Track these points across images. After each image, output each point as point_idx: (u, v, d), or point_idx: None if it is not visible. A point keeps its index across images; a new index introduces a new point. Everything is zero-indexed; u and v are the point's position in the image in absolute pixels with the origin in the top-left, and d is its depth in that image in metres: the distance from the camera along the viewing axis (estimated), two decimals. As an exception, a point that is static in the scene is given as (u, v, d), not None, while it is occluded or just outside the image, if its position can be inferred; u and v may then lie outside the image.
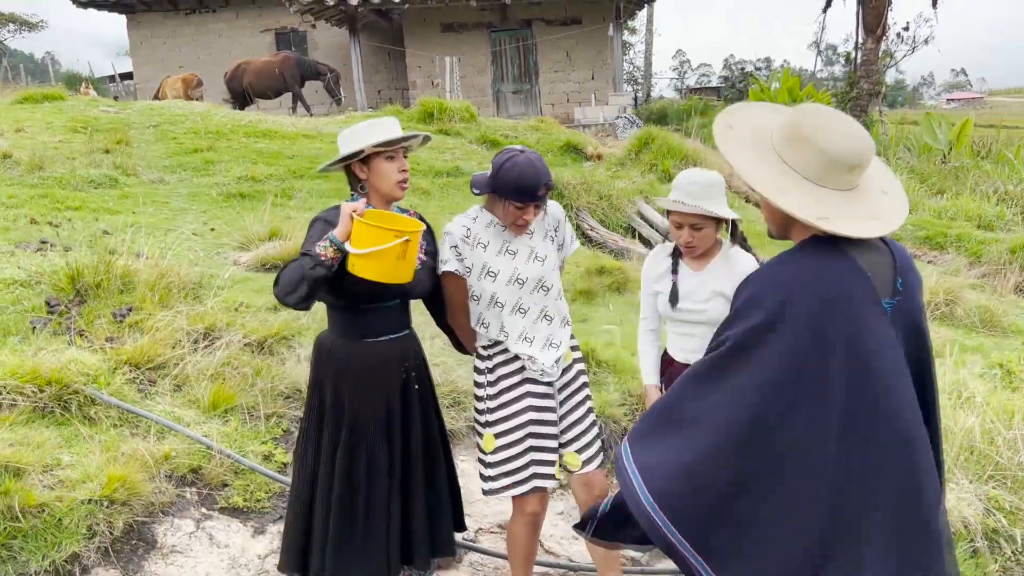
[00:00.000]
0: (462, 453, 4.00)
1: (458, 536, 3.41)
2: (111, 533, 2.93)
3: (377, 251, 2.34)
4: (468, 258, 2.69)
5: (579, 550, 3.37)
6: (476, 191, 2.65)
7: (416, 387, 2.74)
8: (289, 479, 3.36)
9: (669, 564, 3.47)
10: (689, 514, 1.79)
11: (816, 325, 1.70)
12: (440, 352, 4.39)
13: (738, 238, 2.92)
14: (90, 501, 2.94)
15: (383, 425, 2.66)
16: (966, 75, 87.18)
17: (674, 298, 2.78)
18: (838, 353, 1.69)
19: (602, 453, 2.89)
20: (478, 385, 2.81)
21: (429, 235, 2.77)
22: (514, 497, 2.76)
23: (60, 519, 2.87)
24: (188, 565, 2.98)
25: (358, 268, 2.39)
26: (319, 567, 2.66)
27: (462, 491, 3.73)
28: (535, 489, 2.71)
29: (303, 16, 17.91)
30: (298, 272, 2.38)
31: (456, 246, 2.67)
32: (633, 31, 32.35)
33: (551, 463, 2.77)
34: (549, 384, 2.77)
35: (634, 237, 8.01)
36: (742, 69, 23.66)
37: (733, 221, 2.84)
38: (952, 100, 56.54)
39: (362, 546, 2.65)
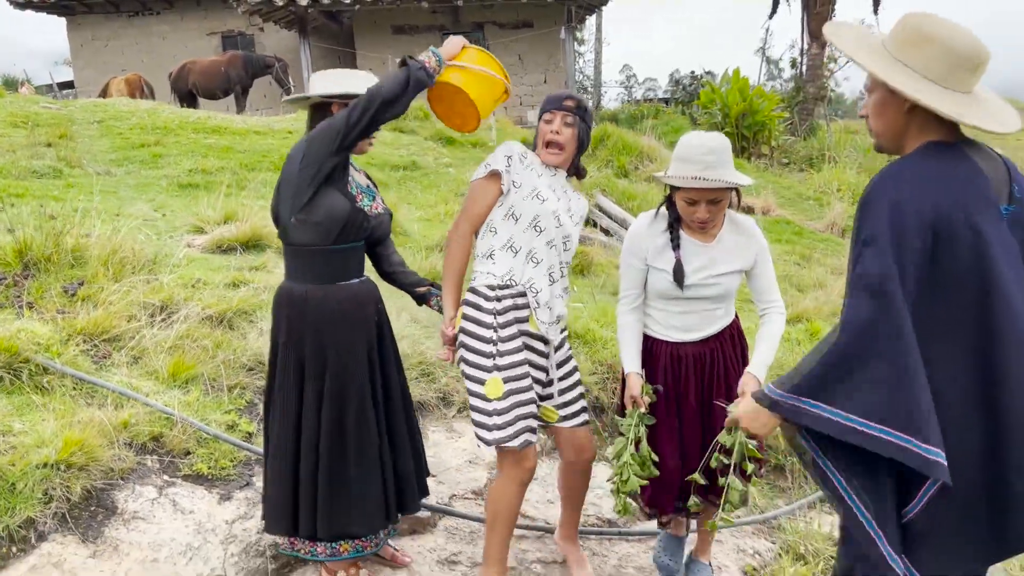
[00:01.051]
0: (432, 424, 3.92)
1: (433, 498, 3.35)
2: (68, 499, 2.78)
3: (484, 72, 2.60)
4: (519, 176, 2.66)
5: (555, 514, 3.32)
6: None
7: (386, 328, 2.76)
8: (256, 448, 3.25)
9: (646, 527, 3.44)
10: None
11: (950, 227, 1.68)
12: (407, 325, 4.32)
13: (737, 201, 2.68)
14: (46, 466, 2.78)
15: (366, 368, 2.61)
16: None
17: (679, 276, 2.54)
18: (967, 251, 1.69)
19: (583, 414, 2.88)
20: (483, 325, 2.62)
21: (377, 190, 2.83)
22: (509, 452, 2.63)
23: (14, 484, 2.71)
24: (151, 531, 2.83)
25: (461, 82, 2.57)
26: (310, 527, 2.58)
27: (433, 459, 3.67)
28: (528, 443, 2.63)
29: (251, 18, 17.64)
30: (404, 72, 2.48)
31: (511, 156, 2.67)
32: (582, 41, 32.63)
33: (538, 418, 2.74)
34: (545, 342, 2.73)
35: (594, 227, 8.05)
36: (692, 73, 23.98)
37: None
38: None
39: (360, 497, 2.59)
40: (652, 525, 3.52)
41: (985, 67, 1.80)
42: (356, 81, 2.62)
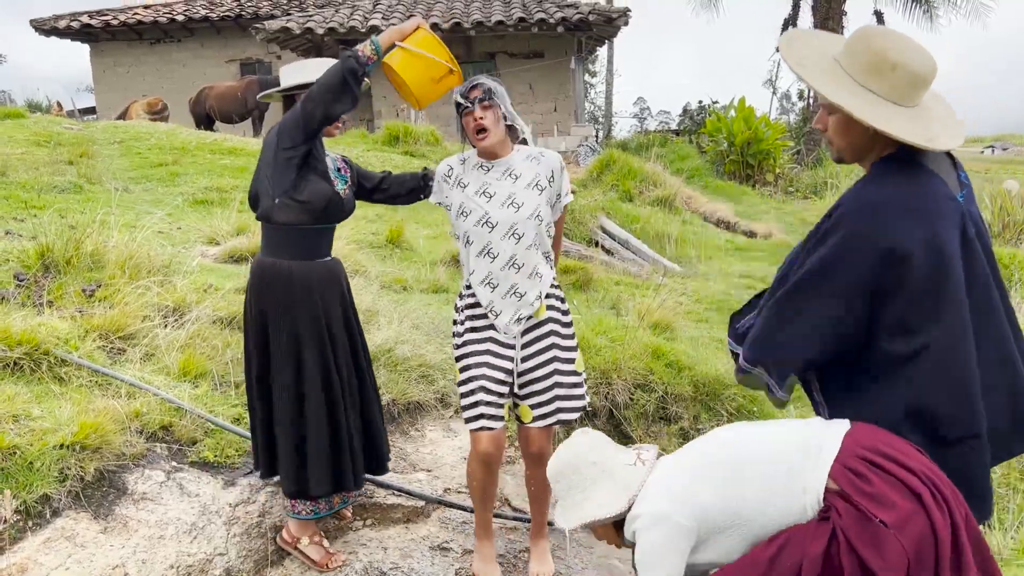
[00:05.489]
0: (431, 423, 4.08)
1: (429, 491, 3.50)
2: (82, 479, 2.95)
3: (426, 56, 2.66)
4: (448, 196, 2.87)
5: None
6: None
7: (353, 304, 3.05)
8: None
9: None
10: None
11: (925, 239, 1.85)
12: (409, 330, 4.49)
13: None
14: (62, 446, 2.96)
15: (346, 338, 2.91)
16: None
17: None
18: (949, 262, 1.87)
19: (557, 414, 2.92)
20: (454, 323, 2.96)
21: (352, 169, 3.07)
22: (471, 435, 2.88)
23: (31, 462, 2.88)
24: (159, 511, 3.00)
25: (399, 62, 2.66)
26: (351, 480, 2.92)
27: (430, 456, 3.83)
28: (484, 428, 2.82)
29: (268, 46, 18.10)
30: (338, 64, 2.65)
31: (437, 181, 2.92)
32: (594, 74, 33.11)
33: (499, 406, 2.86)
34: (510, 338, 2.87)
35: (596, 246, 8.24)
36: (700, 103, 24.34)
37: None
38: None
39: (351, 458, 2.88)
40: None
41: (934, 80, 1.95)
42: (314, 70, 2.83)
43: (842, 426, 1.92)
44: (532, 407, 2.91)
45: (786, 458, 1.90)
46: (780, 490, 1.87)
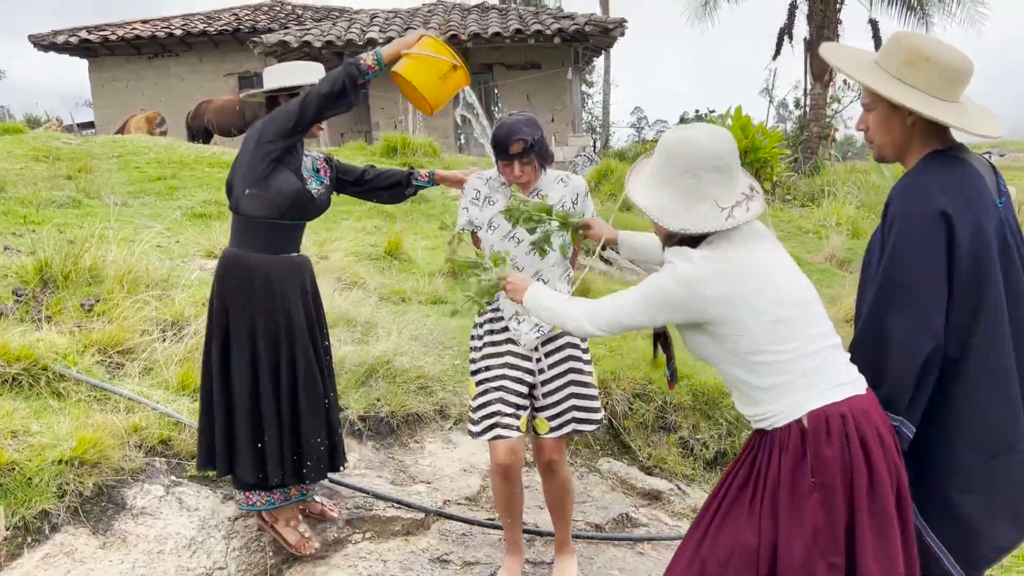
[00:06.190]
0: (429, 435, 4.07)
1: (428, 503, 3.49)
2: (81, 494, 2.95)
3: (430, 56, 2.76)
4: (478, 216, 2.92)
5: (545, 519, 3.45)
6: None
7: (318, 300, 3.10)
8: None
9: (632, 532, 3.56)
10: None
11: (971, 230, 1.87)
12: (408, 341, 4.49)
13: None
14: (61, 461, 2.96)
15: (307, 333, 2.95)
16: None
17: None
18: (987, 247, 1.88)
19: (571, 425, 2.94)
20: (473, 337, 3.00)
21: (331, 167, 3.14)
22: (489, 447, 2.88)
23: (30, 478, 2.88)
24: (158, 526, 3.00)
25: (406, 68, 2.75)
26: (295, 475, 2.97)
27: (429, 468, 3.82)
28: (498, 437, 2.83)
29: (266, 59, 18.15)
30: (340, 70, 2.75)
31: (467, 208, 2.96)
32: (591, 84, 33.16)
33: (516, 416, 2.87)
34: (529, 352, 2.91)
35: (595, 256, 8.24)
36: (696, 112, 24.43)
37: None
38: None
39: (279, 454, 2.95)
40: (637, 531, 3.65)
41: (971, 78, 1.99)
42: (301, 74, 2.95)
43: (863, 383, 1.93)
44: (549, 419, 2.94)
45: (821, 337, 1.91)
46: (792, 356, 1.88)
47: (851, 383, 1.91)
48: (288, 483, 2.97)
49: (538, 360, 2.91)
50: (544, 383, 2.92)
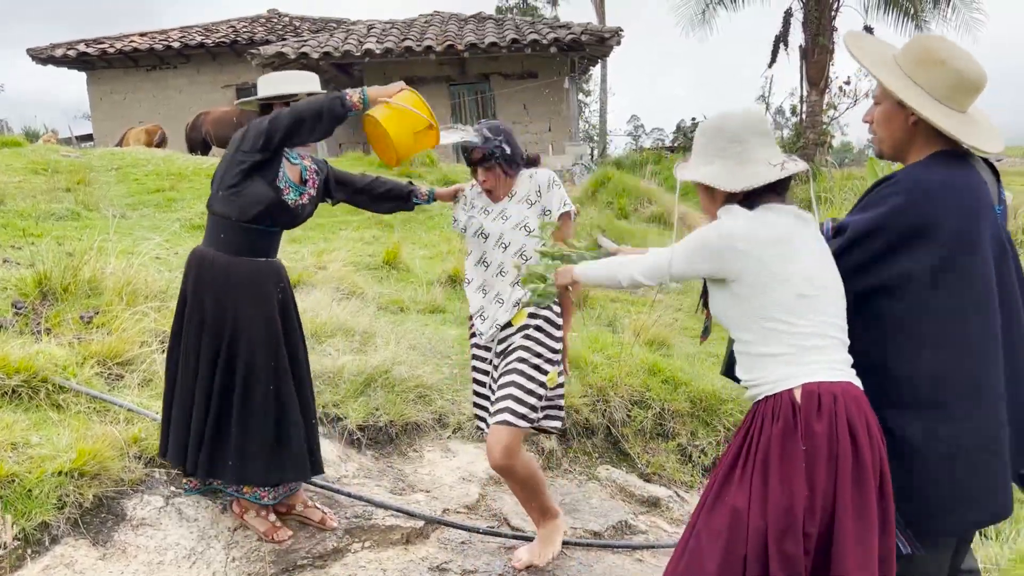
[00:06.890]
0: (428, 444, 4.08)
1: (427, 511, 3.50)
2: (81, 505, 2.96)
3: (408, 110, 2.83)
4: (462, 219, 3.17)
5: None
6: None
7: (291, 306, 3.10)
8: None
9: (631, 540, 3.57)
10: None
11: (960, 228, 1.91)
12: (406, 350, 4.51)
13: None
14: (60, 473, 2.96)
15: (264, 338, 2.93)
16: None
17: None
18: (979, 251, 1.93)
19: (507, 413, 2.86)
20: (472, 334, 3.21)
21: (321, 176, 3.16)
22: None
23: (30, 490, 2.89)
24: (158, 536, 3.00)
25: (381, 115, 2.80)
26: (193, 465, 3.00)
27: (428, 476, 3.83)
28: (482, 432, 3.13)
29: (264, 71, 18.22)
30: (323, 100, 2.78)
31: (457, 211, 3.23)
32: (588, 93, 33.25)
33: (487, 410, 3.10)
34: (487, 350, 3.12)
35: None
36: (693, 119, 24.50)
37: None
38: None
39: (238, 450, 2.98)
40: (636, 538, 3.66)
41: (982, 91, 2.02)
42: (296, 83, 3.00)
43: (859, 381, 1.98)
44: (491, 412, 2.96)
45: (833, 327, 1.97)
46: (808, 329, 1.94)
47: (847, 373, 1.96)
48: (199, 475, 3.00)
49: (498, 355, 3.06)
50: (501, 376, 2.99)
